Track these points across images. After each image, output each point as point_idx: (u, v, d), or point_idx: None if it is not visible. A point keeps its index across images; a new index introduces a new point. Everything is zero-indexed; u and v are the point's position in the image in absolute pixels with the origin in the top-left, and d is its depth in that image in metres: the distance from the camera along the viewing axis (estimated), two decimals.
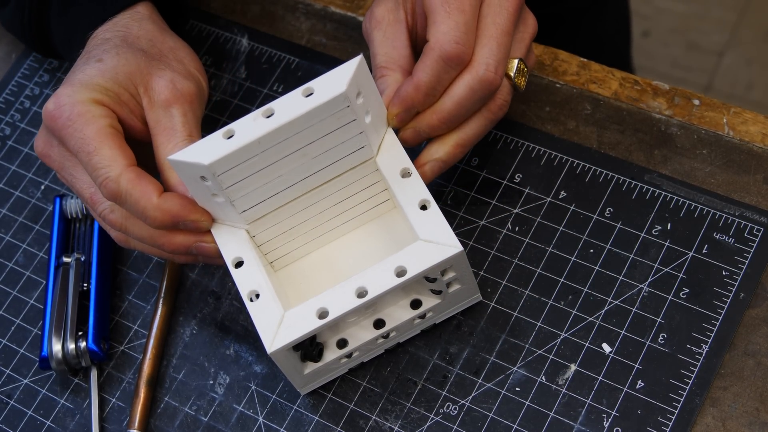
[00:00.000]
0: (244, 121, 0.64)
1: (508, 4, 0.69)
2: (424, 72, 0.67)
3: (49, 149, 0.72)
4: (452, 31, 0.67)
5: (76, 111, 0.68)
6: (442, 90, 0.68)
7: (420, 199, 0.67)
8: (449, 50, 0.67)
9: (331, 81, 0.64)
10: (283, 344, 0.65)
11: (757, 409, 0.68)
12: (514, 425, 0.69)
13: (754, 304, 0.70)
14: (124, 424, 0.75)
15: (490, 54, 0.68)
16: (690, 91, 0.78)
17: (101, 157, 0.67)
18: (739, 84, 1.81)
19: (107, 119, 0.69)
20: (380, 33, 0.71)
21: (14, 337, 0.79)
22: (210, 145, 0.64)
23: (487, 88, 0.68)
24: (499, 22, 0.69)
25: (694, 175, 0.75)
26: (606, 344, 0.70)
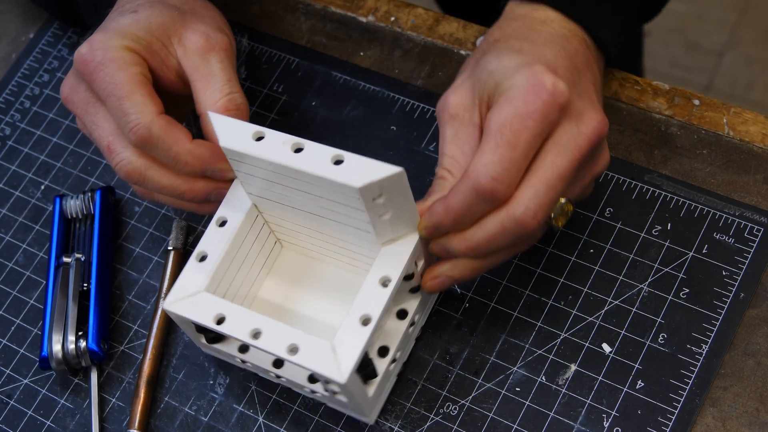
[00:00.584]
0: (275, 136, 0.64)
1: (576, 145, 0.63)
2: (455, 198, 0.63)
3: (74, 94, 0.71)
4: (493, 166, 0.61)
5: (108, 56, 0.68)
6: (473, 219, 0.64)
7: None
8: (484, 185, 0.61)
9: (361, 169, 0.61)
10: (350, 369, 0.63)
11: (757, 409, 0.68)
12: (514, 425, 0.69)
13: (754, 304, 0.70)
14: (124, 424, 0.75)
15: (534, 197, 0.62)
16: (690, 91, 0.78)
17: (133, 103, 0.67)
18: (739, 84, 1.81)
19: (139, 67, 0.69)
20: (452, 130, 0.66)
21: (14, 337, 0.79)
22: (240, 134, 0.65)
23: (520, 231, 0.63)
24: (558, 163, 0.62)
25: (694, 175, 0.75)
26: (606, 344, 0.70)
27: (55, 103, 0.88)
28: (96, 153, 0.85)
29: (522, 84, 0.62)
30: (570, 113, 0.63)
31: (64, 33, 0.91)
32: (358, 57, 0.84)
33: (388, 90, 0.82)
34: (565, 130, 0.63)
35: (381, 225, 0.65)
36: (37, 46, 0.91)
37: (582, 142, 0.63)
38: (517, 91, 0.62)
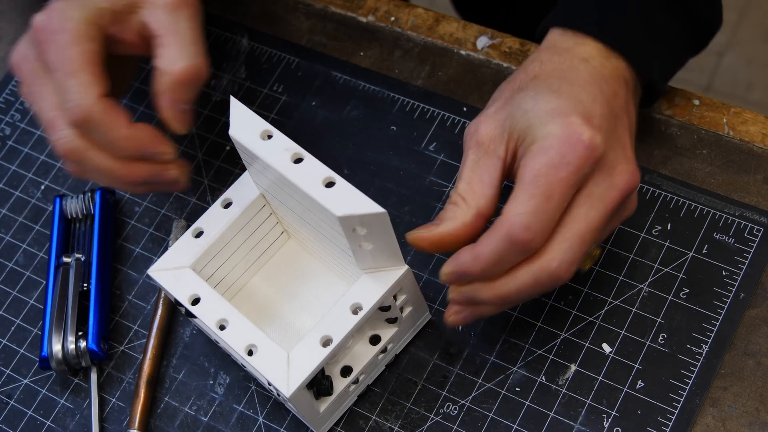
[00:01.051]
0: (280, 141, 0.64)
1: (609, 199, 0.63)
2: (487, 246, 0.62)
3: (24, 61, 0.70)
4: (527, 216, 0.61)
5: (64, 27, 0.67)
6: (502, 270, 0.63)
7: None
8: (517, 234, 0.61)
9: (347, 198, 0.61)
10: (299, 384, 0.64)
11: (757, 409, 0.68)
12: (514, 425, 0.69)
13: (754, 304, 0.70)
14: (124, 424, 0.75)
15: (568, 251, 0.62)
16: (690, 91, 0.78)
17: (78, 82, 0.66)
18: (739, 84, 1.81)
19: (93, 43, 0.68)
20: (475, 157, 0.65)
21: (14, 337, 0.79)
22: (251, 129, 0.65)
23: (553, 283, 0.63)
24: (591, 217, 0.62)
25: (694, 175, 0.75)
26: (606, 344, 0.70)
27: None
28: None
29: (558, 134, 0.62)
30: (603, 165, 0.63)
31: None
32: (358, 57, 0.84)
33: (388, 90, 0.82)
34: (597, 183, 0.62)
35: (361, 254, 0.65)
36: None
37: (615, 195, 0.63)
38: (553, 141, 0.62)
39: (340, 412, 0.72)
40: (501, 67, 0.81)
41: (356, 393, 0.72)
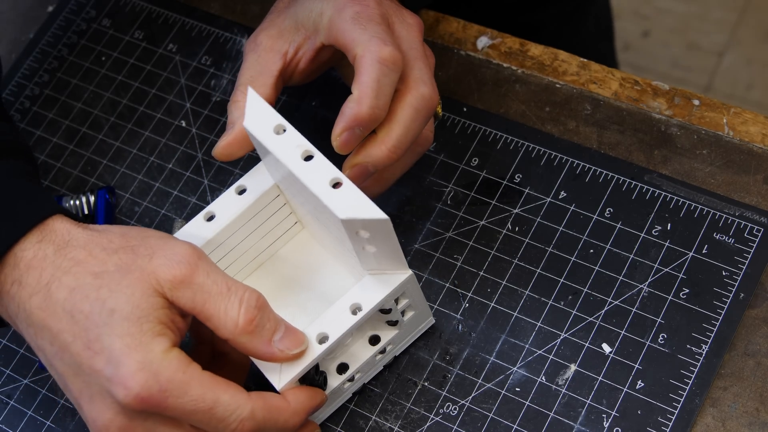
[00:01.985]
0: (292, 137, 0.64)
1: (414, 34, 0.70)
2: (362, 83, 0.65)
3: (132, 429, 0.61)
4: (376, 36, 0.66)
5: (165, 379, 0.59)
6: (386, 101, 0.66)
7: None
8: (381, 51, 0.65)
9: (352, 201, 0.61)
10: (290, 378, 0.64)
11: (757, 409, 0.68)
12: (514, 425, 0.69)
13: (754, 304, 0.70)
14: None
15: (422, 72, 0.68)
16: (690, 91, 0.78)
17: (224, 405, 0.60)
18: (739, 84, 1.81)
19: (193, 365, 0.61)
20: (254, 56, 0.71)
21: (14, 337, 0.79)
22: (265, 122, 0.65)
23: (429, 105, 0.67)
24: (415, 47, 0.69)
25: (694, 175, 0.75)
26: (606, 344, 0.70)
27: (55, 103, 0.88)
28: (96, 153, 0.85)
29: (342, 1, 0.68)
30: (394, 12, 0.70)
31: (64, 33, 0.91)
32: None
33: None
34: (399, 26, 0.70)
35: (365, 256, 0.65)
36: (37, 46, 0.91)
37: (416, 30, 0.70)
38: (344, 3, 0.68)
39: (333, 408, 0.71)
40: (501, 67, 0.82)
41: (351, 390, 0.72)
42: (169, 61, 0.87)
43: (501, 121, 0.79)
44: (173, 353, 0.60)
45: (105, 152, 0.85)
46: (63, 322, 0.61)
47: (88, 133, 0.86)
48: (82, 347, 0.60)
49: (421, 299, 0.69)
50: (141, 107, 0.86)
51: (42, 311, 0.62)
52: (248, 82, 0.70)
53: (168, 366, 0.59)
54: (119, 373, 0.59)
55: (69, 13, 0.92)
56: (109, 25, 0.90)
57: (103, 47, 0.89)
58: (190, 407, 0.60)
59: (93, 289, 0.61)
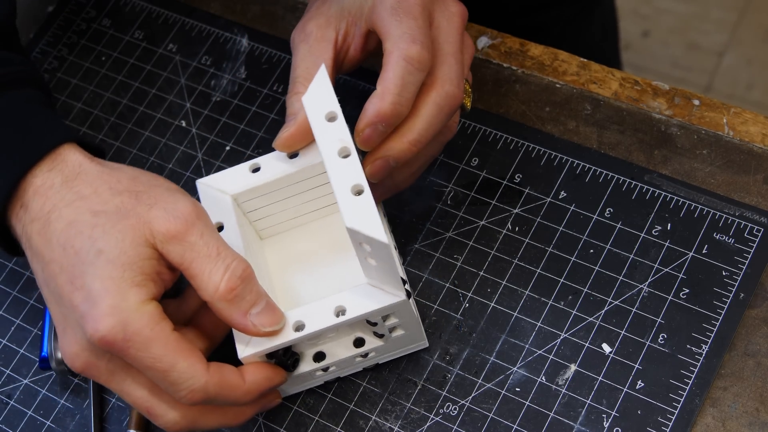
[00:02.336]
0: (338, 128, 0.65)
1: (455, 24, 0.69)
2: (387, 79, 0.66)
3: (92, 367, 0.64)
4: (408, 33, 0.66)
5: (131, 330, 0.61)
6: (410, 98, 0.66)
7: None
8: (409, 50, 0.65)
9: (363, 214, 0.62)
10: (254, 352, 0.65)
11: (757, 409, 0.68)
12: (514, 425, 0.69)
13: (754, 304, 0.70)
14: (124, 424, 0.75)
15: (450, 70, 0.68)
16: (690, 91, 0.78)
17: (179, 372, 0.62)
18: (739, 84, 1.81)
19: (164, 323, 0.62)
20: (306, 47, 0.70)
21: (14, 337, 0.79)
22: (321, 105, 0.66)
23: (452, 103, 0.68)
24: (451, 41, 0.69)
25: (694, 175, 0.75)
26: (606, 344, 0.70)
27: (55, 102, 0.88)
28: None
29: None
30: (437, 0, 0.69)
31: (64, 33, 0.91)
32: None
33: None
34: (441, 15, 0.69)
35: (367, 266, 0.65)
36: (37, 46, 0.91)
37: (457, 21, 0.70)
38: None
39: (301, 388, 0.72)
40: (501, 67, 0.82)
41: (324, 379, 0.72)
42: (169, 61, 0.87)
43: (501, 121, 0.79)
44: (147, 307, 0.62)
45: (105, 152, 0.85)
46: (55, 252, 0.63)
47: (88, 133, 0.86)
48: (65, 280, 0.63)
49: (414, 323, 0.69)
50: (141, 107, 0.86)
51: (39, 237, 0.64)
52: (305, 75, 0.69)
53: (138, 318, 0.61)
54: (92, 312, 0.61)
55: (69, 13, 0.92)
56: (109, 25, 0.90)
57: (103, 47, 0.89)
58: (147, 363, 0.61)
59: (88, 226, 0.63)
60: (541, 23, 1.06)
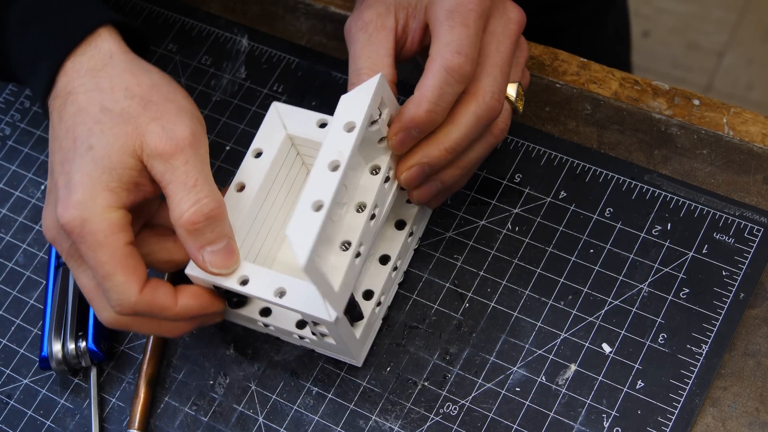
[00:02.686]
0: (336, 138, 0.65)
1: (510, 32, 0.69)
2: (425, 87, 0.66)
3: (57, 243, 0.69)
4: (455, 43, 0.66)
5: (87, 229, 0.65)
6: (445, 107, 0.67)
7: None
8: (453, 61, 0.65)
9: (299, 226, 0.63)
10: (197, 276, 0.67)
11: (757, 409, 0.68)
12: (514, 425, 0.69)
13: (754, 304, 0.70)
14: (124, 424, 0.75)
15: (494, 82, 0.67)
16: (690, 91, 0.78)
17: (113, 284, 0.65)
18: (739, 84, 1.81)
19: (120, 235, 0.65)
20: (365, 36, 0.70)
21: (14, 337, 0.79)
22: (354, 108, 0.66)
23: (491, 115, 0.68)
24: (502, 50, 0.68)
25: (694, 175, 0.75)
26: (606, 344, 0.70)
27: None
28: None
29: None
30: (496, 5, 0.69)
31: None
32: None
33: None
34: (497, 21, 0.69)
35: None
36: None
37: (513, 28, 0.70)
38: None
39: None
40: None
41: (265, 331, 0.73)
42: (169, 61, 0.87)
43: None
44: (111, 214, 0.65)
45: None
46: (61, 131, 0.68)
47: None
48: (58, 161, 0.68)
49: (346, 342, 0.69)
50: None
51: (55, 114, 0.69)
52: (370, 66, 0.69)
53: (97, 221, 0.65)
54: (64, 198, 0.66)
55: None
56: None
57: None
58: (91, 263, 0.65)
59: (92, 120, 0.67)
60: (559, 23, 1.06)
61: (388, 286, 0.73)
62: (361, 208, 0.68)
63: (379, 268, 0.72)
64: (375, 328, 0.73)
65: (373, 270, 0.72)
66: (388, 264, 0.72)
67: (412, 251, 0.75)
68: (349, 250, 0.66)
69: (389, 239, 0.73)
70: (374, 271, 0.72)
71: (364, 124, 0.65)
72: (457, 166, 0.70)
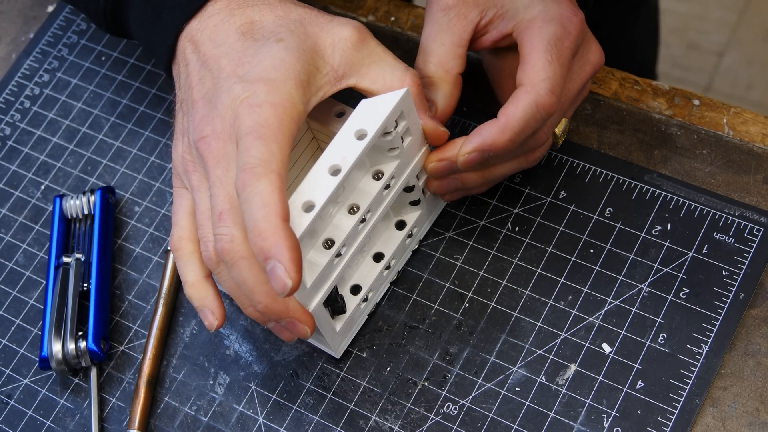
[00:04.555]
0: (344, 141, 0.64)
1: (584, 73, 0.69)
2: (513, 116, 0.64)
3: (190, 169, 0.65)
4: (551, 80, 0.65)
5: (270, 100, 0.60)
6: (525, 140, 0.66)
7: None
8: (545, 98, 0.65)
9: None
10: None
11: (757, 409, 0.68)
12: (514, 425, 0.69)
13: (754, 304, 0.70)
14: (124, 424, 0.75)
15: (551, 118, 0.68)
16: (690, 91, 0.78)
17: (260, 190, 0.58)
18: (739, 84, 1.81)
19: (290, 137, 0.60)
20: (446, 19, 0.67)
21: (14, 337, 0.79)
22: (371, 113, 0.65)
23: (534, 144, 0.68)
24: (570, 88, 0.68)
25: (694, 175, 0.75)
26: (606, 344, 0.71)
27: (55, 103, 0.88)
28: (96, 153, 0.85)
29: (557, 10, 0.66)
30: (584, 43, 0.68)
31: (64, 33, 0.91)
32: None
33: None
34: (579, 58, 0.68)
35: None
36: (37, 46, 0.91)
37: (589, 70, 0.69)
38: (555, 15, 0.66)
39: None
40: None
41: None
42: None
43: None
44: (299, 106, 0.61)
45: (105, 152, 0.85)
46: (227, 42, 0.63)
47: (88, 133, 0.86)
48: (231, 62, 0.62)
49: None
50: (141, 107, 0.86)
51: (208, 41, 0.64)
52: (441, 54, 0.67)
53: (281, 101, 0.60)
54: (245, 75, 0.61)
55: (69, 13, 0.92)
56: None
57: (103, 47, 0.89)
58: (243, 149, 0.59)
59: (273, 25, 0.63)
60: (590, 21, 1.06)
61: (378, 284, 0.73)
62: (353, 210, 0.67)
63: (372, 265, 0.73)
64: (359, 323, 0.73)
65: (365, 266, 0.73)
66: (381, 262, 0.73)
67: (409, 252, 0.75)
68: (331, 249, 0.66)
69: (387, 238, 0.73)
70: (366, 268, 0.73)
71: (375, 136, 0.64)
72: (482, 175, 0.70)
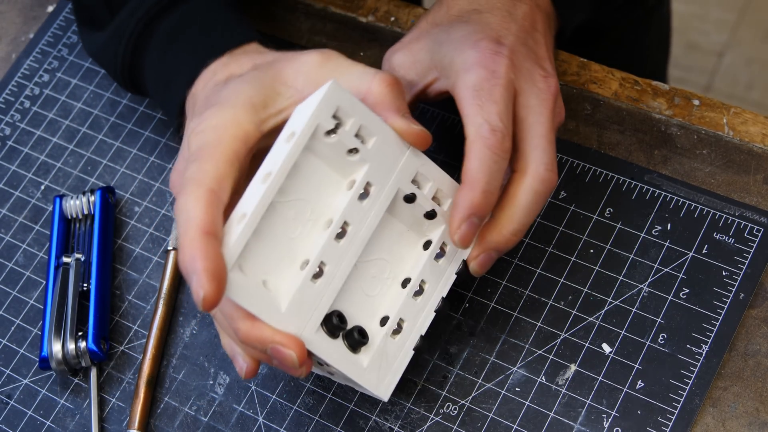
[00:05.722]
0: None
1: (545, 102, 0.68)
2: (473, 169, 0.65)
3: None
4: (488, 122, 0.65)
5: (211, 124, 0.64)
6: (497, 186, 0.66)
7: None
8: (490, 139, 0.65)
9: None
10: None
11: (757, 409, 0.68)
12: (514, 425, 0.69)
13: (754, 304, 0.70)
14: (124, 424, 0.75)
15: (544, 154, 0.67)
16: (690, 91, 0.78)
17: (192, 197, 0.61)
18: (739, 84, 1.81)
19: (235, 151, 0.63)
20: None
21: (14, 337, 0.79)
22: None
23: (549, 187, 0.67)
24: (542, 121, 0.67)
25: (694, 175, 0.75)
26: (606, 344, 0.70)
27: (55, 103, 0.88)
28: (96, 153, 0.85)
29: (475, 56, 0.67)
30: (525, 76, 0.68)
31: (64, 33, 0.91)
32: (358, 57, 0.84)
33: None
34: (529, 94, 0.68)
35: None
36: (37, 46, 0.91)
37: (547, 98, 0.68)
38: (474, 61, 0.67)
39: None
40: None
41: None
42: None
43: None
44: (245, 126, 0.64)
45: (105, 152, 0.85)
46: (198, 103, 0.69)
47: (88, 133, 0.86)
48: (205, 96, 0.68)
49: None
50: (141, 107, 0.86)
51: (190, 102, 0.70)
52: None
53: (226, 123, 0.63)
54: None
55: (69, 13, 0.92)
56: None
57: None
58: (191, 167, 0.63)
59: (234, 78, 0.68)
60: (601, 25, 1.05)
61: (411, 312, 0.67)
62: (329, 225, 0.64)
63: (399, 292, 0.68)
64: (401, 358, 0.67)
65: (392, 294, 0.68)
66: (407, 287, 0.67)
67: (451, 275, 0.69)
68: (304, 269, 0.63)
69: (414, 261, 0.68)
70: (393, 296, 0.68)
71: (303, 135, 0.62)
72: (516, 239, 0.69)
